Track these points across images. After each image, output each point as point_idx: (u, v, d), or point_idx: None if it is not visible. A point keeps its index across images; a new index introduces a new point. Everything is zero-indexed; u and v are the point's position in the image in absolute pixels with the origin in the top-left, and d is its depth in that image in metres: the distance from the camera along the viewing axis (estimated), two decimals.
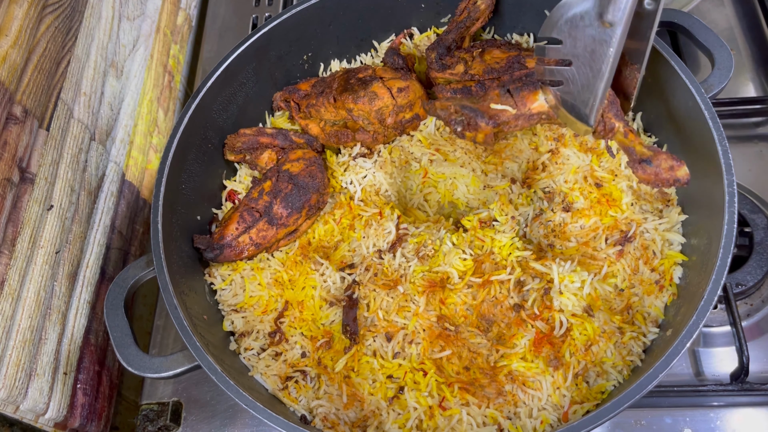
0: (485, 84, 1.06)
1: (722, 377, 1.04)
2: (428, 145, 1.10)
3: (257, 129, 1.13)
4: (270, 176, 1.06)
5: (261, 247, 1.03)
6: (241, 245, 1.02)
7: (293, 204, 1.02)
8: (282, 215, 1.02)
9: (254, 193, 1.05)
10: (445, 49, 1.11)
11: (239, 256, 1.03)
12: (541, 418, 0.89)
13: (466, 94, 1.07)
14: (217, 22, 1.59)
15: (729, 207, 0.87)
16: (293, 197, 1.03)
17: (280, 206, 1.02)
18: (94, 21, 1.19)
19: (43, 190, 1.01)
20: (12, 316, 0.92)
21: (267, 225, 1.02)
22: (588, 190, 1.02)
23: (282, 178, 1.05)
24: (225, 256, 1.02)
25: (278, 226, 1.02)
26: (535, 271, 0.96)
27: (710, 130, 0.92)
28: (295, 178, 1.04)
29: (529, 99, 0.95)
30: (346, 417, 0.93)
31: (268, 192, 1.04)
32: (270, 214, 1.02)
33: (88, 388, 1.07)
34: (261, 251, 1.05)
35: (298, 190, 1.03)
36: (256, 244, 1.02)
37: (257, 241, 1.02)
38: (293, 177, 1.04)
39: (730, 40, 1.39)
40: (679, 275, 0.96)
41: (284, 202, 1.02)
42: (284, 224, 1.03)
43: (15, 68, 0.97)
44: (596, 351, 0.92)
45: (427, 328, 0.94)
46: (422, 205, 1.09)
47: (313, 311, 1.00)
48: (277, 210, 1.02)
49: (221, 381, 0.85)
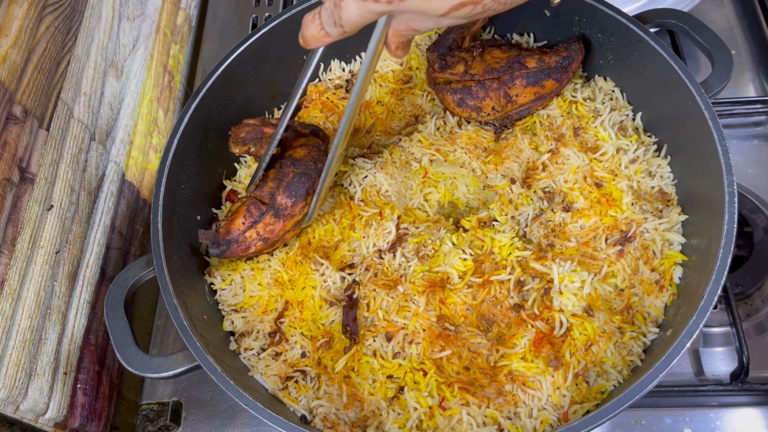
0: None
1: (722, 377, 1.04)
2: (428, 145, 1.10)
3: (261, 119, 1.09)
4: (273, 164, 1.03)
5: (269, 241, 1.00)
6: (248, 240, 0.98)
7: (297, 191, 0.98)
8: (287, 205, 0.98)
9: (258, 182, 1.02)
10: (445, 49, 1.11)
11: (246, 252, 1.00)
12: (541, 418, 0.89)
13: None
14: (217, 22, 1.59)
15: (729, 207, 0.87)
16: (296, 184, 0.99)
17: (284, 196, 0.98)
18: (94, 21, 1.19)
19: (43, 190, 1.01)
20: (12, 316, 0.92)
21: (274, 218, 0.98)
22: (588, 190, 1.02)
23: (285, 163, 1.01)
24: (231, 252, 0.99)
25: (285, 217, 0.99)
26: (535, 271, 0.96)
27: (710, 130, 0.92)
28: (297, 164, 1.00)
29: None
30: (346, 417, 0.93)
31: (273, 179, 1.00)
32: (275, 206, 0.98)
33: (88, 388, 1.07)
34: (269, 246, 1.02)
35: (300, 176, 0.99)
36: (264, 239, 0.99)
37: (264, 236, 0.99)
38: (296, 162, 1.00)
39: (730, 40, 1.39)
40: (679, 275, 0.96)
41: (288, 191, 0.99)
42: (290, 215, 0.99)
43: (15, 68, 0.97)
44: (596, 351, 0.92)
45: (427, 328, 0.94)
46: (422, 205, 1.09)
47: (313, 311, 1.00)
48: (281, 201, 0.98)
49: (221, 381, 0.85)
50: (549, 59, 1.06)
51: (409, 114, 1.17)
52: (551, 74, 1.05)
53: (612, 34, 1.07)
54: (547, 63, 1.05)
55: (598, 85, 1.13)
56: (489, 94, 1.06)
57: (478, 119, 1.10)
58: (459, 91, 1.07)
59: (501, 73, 1.05)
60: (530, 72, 1.05)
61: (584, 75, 1.16)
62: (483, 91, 1.06)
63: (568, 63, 1.06)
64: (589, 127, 1.08)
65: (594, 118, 1.08)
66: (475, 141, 1.10)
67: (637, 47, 1.03)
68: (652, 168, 1.04)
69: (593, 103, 1.10)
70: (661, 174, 1.04)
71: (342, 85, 1.23)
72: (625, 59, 1.07)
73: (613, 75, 1.12)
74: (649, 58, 1.01)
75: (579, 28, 1.11)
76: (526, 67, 1.05)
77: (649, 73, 1.04)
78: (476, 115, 1.09)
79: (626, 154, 1.04)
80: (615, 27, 1.05)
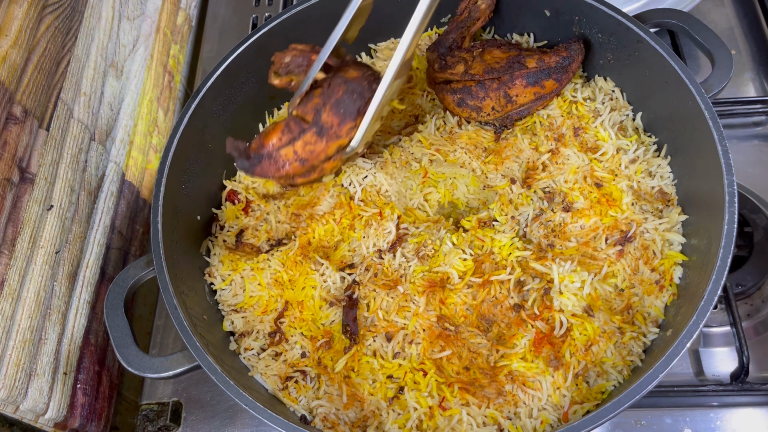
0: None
1: (722, 377, 1.04)
2: (428, 145, 1.10)
3: (311, 46, 0.95)
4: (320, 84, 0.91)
5: (307, 164, 0.89)
6: (282, 159, 0.88)
7: (347, 109, 0.86)
8: (333, 124, 0.87)
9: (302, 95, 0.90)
10: (446, 49, 1.11)
11: (279, 172, 0.88)
12: (541, 418, 0.89)
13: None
14: (217, 22, 1.59)
15: (729, 207, 0.87)
16: (347, 101, 0.87)
17: (331, 113, 0.87)
18: (94, 21, 1.19)
19: (43, 190, 1.01)
20: (12, 316, 0.92)
21: (316, 137, 0.87)
22: (588, 190, 1.02)
23: (335, 81, 0.89)
24: (263, 169, 0.88)
25: (329, 137, 0.88)
26: (535, 271, 0.96)
27: (710, 130, 0.92)
28: (350, 83, 0.88)
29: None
30: (346, 417, 0.93)
31: (320, 95, 0.89)
32: (319, 123, 0.87)
33: (88, 388, 1.07)
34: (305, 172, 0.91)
35: (352, 93, 0.87)
36: (301, 160, 0.88)
37: (303, 156, 0.88)
38: (348, 81, 0.88)
39: (730, 40, 1.39)
40: (679, 275, 0.96)
41: (336, 107, 0.87)
42: (336, 135, 0.88)
43: (15, 68, 0.97)
44: (596, 351, 0.92)
45: (427, 328, 0.94)
46: (422, 205, 1.09)
47: (313, 311, 1.00)
48: (327, 118, 0.87)
49: (221, 381, 0.85)
50: (549, 59, 1.06)
51: (409, 114, 1.17)
52: (551, 74, 1.05)
53: (612, 34, 1.07)
54: (547, 63, 1.05)
55: (598, 85, 1.13)
56: (489, 94, 1.06)
57: (478, 119, 1.10)
58: (459, 91, 1.07)
59: (501, 73, 1.05)
60: (530, 72, 1.05)
61: (584, 75, 1.16)
62: (483, 91, 1.06)
63: (568, 63, 1.06)
64: (589, 127, 1.08)
65: (594, 118, 1.09)
66: (475, 141, 1.10)
67: (637, 47, 1.03)
68: (652, 168, 1.04)
69: (593, 103, 1.10)
70: (661, 174, 1.04)
71: None
72: (625, 59, 1.07)
73: (613, 75, 1.12)
74: (649, 58, 1.01)
75: (579, 28, 1.11)
76: (526, 67, 1.05)
77: (649, 73, 1.04)
78: (476, 115, 1.09)
79: (626, 154, 1.04)
80: (615, 27, 1.05)
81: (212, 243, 1.09)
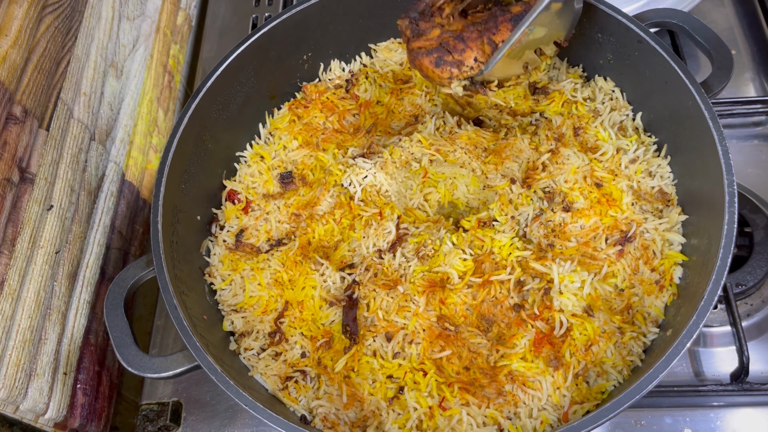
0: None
1: (722, 377, 1.04)
2: (428, 145, 1.10)
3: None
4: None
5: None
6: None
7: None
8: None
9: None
10: (417, 14, 1.03)
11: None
12: (541, 418, 0.89)
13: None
14: (217, 22, 1.59)
15: (729, 207, 0.87)
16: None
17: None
18: (94, 21, 1.19)
19: (43, 190, 1.01)
20: (12, 316, 0.92)
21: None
22: (588, 190, 1.02)
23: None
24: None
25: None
26: (535, 271, 0.96)
27: (710, 130, 0.92)
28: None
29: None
30: (346, 417, 0.93)
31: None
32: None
33: (88, 388, 1.07)
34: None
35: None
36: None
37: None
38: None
39: (730, 40, 1.39)
40: (679, 275, 0.96)
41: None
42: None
43: (15, 68, 0.97)
44: (596, 351, 0.92)
45: (427, 328, 0.94)
46: (422, 205, 1.09)
47: (313, 311, 0.99)
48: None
49: (221, 381, 0.85)
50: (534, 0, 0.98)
51: (409, 114, 1.17)
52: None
53: (612, 34, 1.07)
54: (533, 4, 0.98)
55: (598, 85, 1.13)
56: (469, 45, 1.00)
57: (460, 76, 1.03)
58: (434, 51, 1.00)
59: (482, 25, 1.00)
60: (516, 15, 0.98)
61: (584, 75, 1.16)
62: (462, 43, 1.00)
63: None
64: (589, 127, 1.08)
65: (594, 118, 1.09)
66: (475, 141, 1.10)
67: (637, 47, 1.03)
68: (652, 168, 1.05)
69: (593, 103, 1.10)
70: (661, 174, 1.04)
71: (342, 85, 1.23)
72: (625, 59, 1.07)
73: (613, 75, 1.12)
74: (649, 58, 1.01)
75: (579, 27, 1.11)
76: (510, 12, 0.99)
77: (649, 73, 1.04)
78: (458, 71, 1.02)
79: (626, 154, 1.05)
80: (615, 27, 1.05)
81: (212, 243, 1.09)
